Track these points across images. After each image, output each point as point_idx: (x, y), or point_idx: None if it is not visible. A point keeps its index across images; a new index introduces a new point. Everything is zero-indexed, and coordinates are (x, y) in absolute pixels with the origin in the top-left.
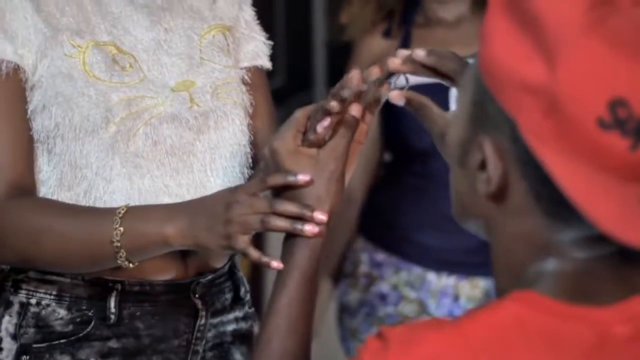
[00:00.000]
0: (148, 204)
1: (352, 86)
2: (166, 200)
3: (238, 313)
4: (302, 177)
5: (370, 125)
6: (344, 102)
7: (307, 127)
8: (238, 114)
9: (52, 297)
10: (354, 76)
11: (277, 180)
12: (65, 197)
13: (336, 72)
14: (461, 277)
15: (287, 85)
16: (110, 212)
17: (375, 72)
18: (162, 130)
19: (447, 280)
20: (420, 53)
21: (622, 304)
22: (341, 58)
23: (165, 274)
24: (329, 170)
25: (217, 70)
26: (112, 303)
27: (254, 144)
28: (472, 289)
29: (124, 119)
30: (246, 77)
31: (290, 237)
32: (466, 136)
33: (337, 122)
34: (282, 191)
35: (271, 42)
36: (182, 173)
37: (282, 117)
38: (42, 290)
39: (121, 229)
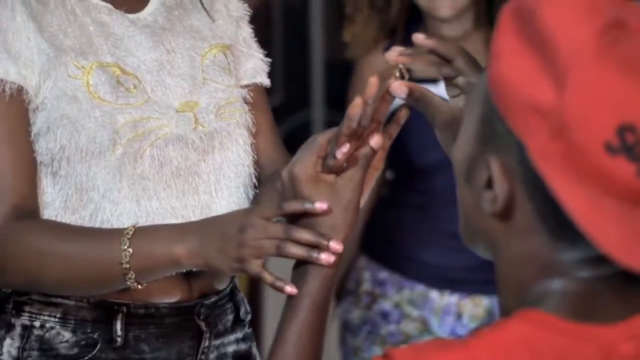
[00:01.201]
0: (156, 224)
1: (357, 114)
2: (172, 222)
3: (238, 334)
4: (320, 206)
5: (387, 150)
6: (361, 128)
7: (327, 152)
8: (242, 134)
9: (56, 319)
10: (356, 105)
11: (294, 207)
12: (70, 220)
13: (334, 91)
14: (464, 295)
15: (284, 104)
16: (117, 233)
17: (373, 85)
18: (167, 152)
19: (449, 299)
20: (419, 35)
21: (626, 322)
22: (339, 77)
23: (171, 296)
24: (346, 199)
25: (219, 90)
26: (119, 326)
27: (258, 164)
28: (475, 307)
29: (131, 141)
30: (248, 97)
31: (302, 264)
32: (473, 153)
33: (356, 147)
34: (297, 217)
35: (269, 60)
36: (187, 194)
37: (280, 135)
38: (46, 313)
39: (130, 250)
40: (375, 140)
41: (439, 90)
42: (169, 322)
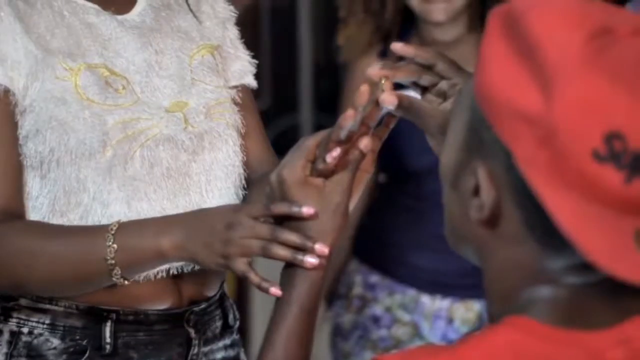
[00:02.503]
0: (141, 219)
1: (348, 126)
2: None
3: (227, 340)
4: (307, 210)
5: (377, 152)
6: (352, 133)
7: (316, 155)
8: (231, 134)
9: (45, 326)
10: (347, 116)
11: (281, 209)
12: (63, 219)
13: (322, 94)
14: (455, 299)
15: (272, 107)
16: (102, 229)
17: (364, 93)
18: (158, 153)
19: (441, 303)
20: (398, 44)
21: (615, 328)
22: (327, 80)
23: (160, 303)
24: (334, 203)
25: (209, 90)
26: (108, 333)
27: (247, 165)
28: (466, 311)
29: (120, 142)
30: (237, 97)
31: (290, 268)
32: (460, 160)
33: (345, 151)
34: (285, 219)
35: (256, 61)
36: (178, 195)
37: (268, 138)
38: (35, 319)
39: (115, 245)
40: (364, 144)
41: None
42: (159, 329)
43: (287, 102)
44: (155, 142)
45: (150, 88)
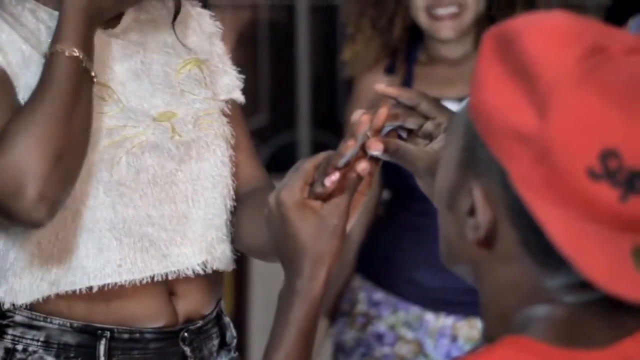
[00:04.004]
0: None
1: (348, 155)
2: (150, 230)
3: (224, 359)
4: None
5: (374, 176)
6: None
7: (314, 178)
8: (219, 144)
9: (39, 343)
10: (348, 146)
11: None
12: (47, 225)
13: (320, 111)
14: (459, 317)
15: (271, 124)
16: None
17: (365, 122)
18: (144, 160)
19: (445, 321)
20: (381, 85)
21: (614, 347)
22: (325, 97)
23: (155, 321)
24: (332, 225)
25: (198, 101)
26: (102, 351)
27: (236, 177)
28: (470, 329)
29: (107, 147)
30: (226, 109)
31: (287, 290)
32: (455, 181)
33: (343, 174)
34: (284, 244)
35: (243, 76)
36: (164, 203)
37: (265, 155)
38: (29, 337)
39: (74, 51)
40: (362, 167)
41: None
42: (154, 347)
43: (285, 118)
44: (141, 149)
45: (137, 97)
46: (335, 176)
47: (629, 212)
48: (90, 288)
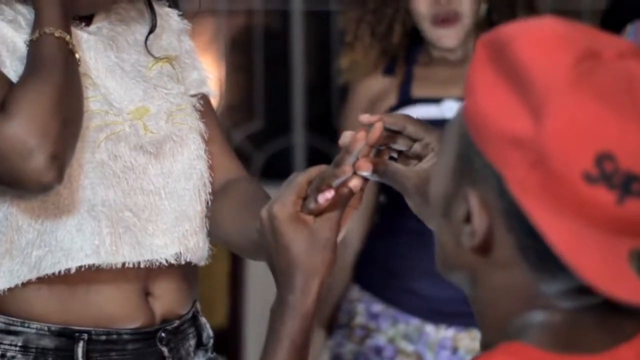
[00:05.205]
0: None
1: (343, 178)
2: (128, 214)
3: (201, 359)
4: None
5: (365, 191)
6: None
7: (307, 192)
8: (194, 138)
9: (17, 348)
10: (345, 170)
11: None
12: (22, 205)
13: (315, 116)
14: (460, 328)
15: (266, 129)
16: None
17: (361, 138)
18: (119, 148)
19: (445, 332)
20: (365, 115)
21: (611, 352)
22: (320, 102)
23: (132, 321)
24: (324, 238)
25: (171, 95)
26: (80, 353)
27: (211, 168)
28: (472, 340)
29: (89, 130)
30: (198, 105)
31: (280, 304)
32: (451, 189)
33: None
34: (277, 257)
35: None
36: (137, 193)
37: (261, 160)
38: (7, 342)
39: (56, 33)
40: (354, 184)
41: (442, 110)
42: (131, 349)
43: (280, 124)
44: (118, 138)
45: (112, 91)
46: (329, 193)
47: (625, 215)
48: (69, 270)
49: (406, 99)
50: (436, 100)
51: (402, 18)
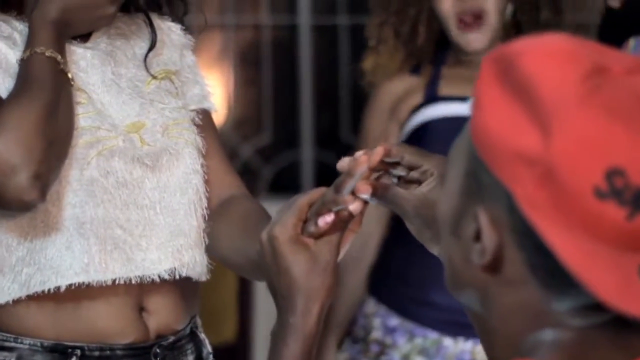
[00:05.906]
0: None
1: (345, 206)
2: (118, 232)
3: None
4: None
5: (365, 214)
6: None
7: (307, 215)
8: (190, 152)
9: None
10: (347, 200)
11: None
12: (11, 223)
13: (323, 130)
14: (477, 340)
15: (273, 143)
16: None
17: (363, 161)
18: (113, 163)
19: (464, 345)
20: (360, 152)
21: None
22: (328, 116)
23: (126, 336)
24: (324, 261)
25: (167, 109)
26: None
27: (208, 184)
28: None
29: (79, 147)
30: (197, 119)
31: (281, 327)
32: (459, 207)
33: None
34: (277, 279)
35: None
36: (131, 208)
37: (270, 174)
38: (0, 358)
39: (47, 52)
40: (354, 207)
41: (469, 107)
42: None
43: (288, 138)
44: (111, 153)
45: (109, 105)
46: (330, 217)
47: (636, 230)
48: (59, 288)
49: (433, 97)
50: (463, 99)
51: (426, 19)
